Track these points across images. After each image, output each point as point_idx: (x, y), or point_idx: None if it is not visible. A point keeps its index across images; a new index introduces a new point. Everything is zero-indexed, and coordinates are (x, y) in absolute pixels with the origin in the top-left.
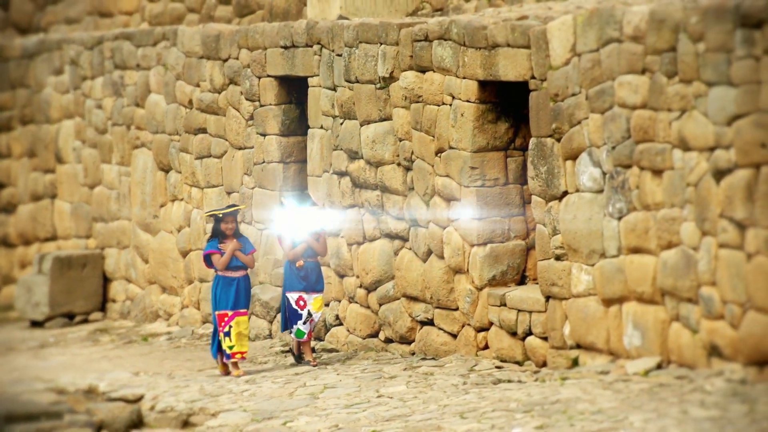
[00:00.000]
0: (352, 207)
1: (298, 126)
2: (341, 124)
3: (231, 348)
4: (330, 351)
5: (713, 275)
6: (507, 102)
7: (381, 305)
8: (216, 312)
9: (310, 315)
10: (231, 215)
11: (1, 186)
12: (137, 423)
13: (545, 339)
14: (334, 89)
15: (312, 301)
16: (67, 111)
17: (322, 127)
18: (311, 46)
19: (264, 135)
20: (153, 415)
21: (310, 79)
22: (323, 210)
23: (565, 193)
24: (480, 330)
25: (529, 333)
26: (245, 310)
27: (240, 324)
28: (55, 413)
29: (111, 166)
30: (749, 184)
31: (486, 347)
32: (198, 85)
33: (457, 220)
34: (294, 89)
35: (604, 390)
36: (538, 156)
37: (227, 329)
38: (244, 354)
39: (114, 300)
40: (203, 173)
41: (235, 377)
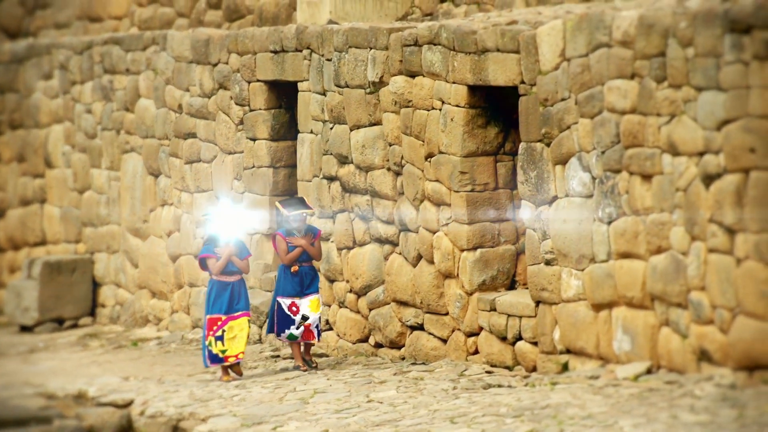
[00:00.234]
0: (342, 212)
1: (287, 131)
2: (331, 128)
3: (224, 352)
4: (320, 356)
5: (703, 280)
6: (497, 107)
7: (371, 310)
8: (208, 316)
9: (304, 319)
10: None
11: None
12: (127, 428)
13: (535, 344)
14: (323, 94)
15: (308, 304)
16: (57, 115)
17: (311, 132)
18: (301, 50)
19: (254, 140)
20: (143, 420)
21: (299, 84)
22: (314, 214)
23: (555, 198)
24: (470, 335)
25: (519, 338)
26: (243, 312)
27: (236, 327)
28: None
29: (100, 170)
30: (738, 188)
31: (476, 352)
32: (188, 90)
33: (447, 224)
34: (284, 94)
35: (594, 395)
36: (527, 161)
37: (219, 333)
38: (238, 355)
39: (103, 305)
40: (193, 178)
41: (226, 381)
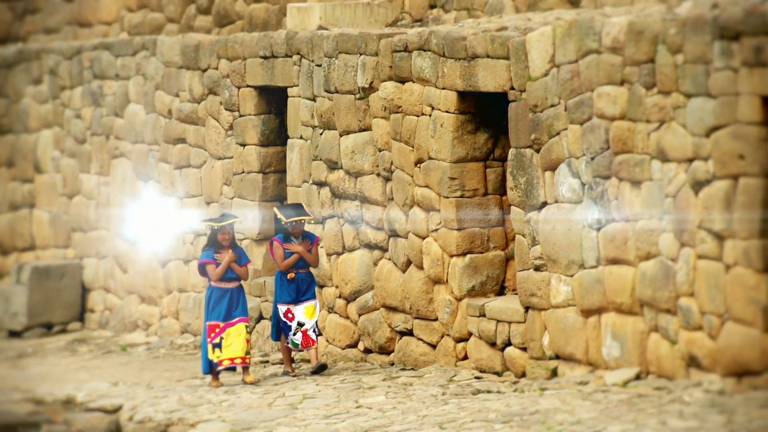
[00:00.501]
0: (331, 217)
1: (277, 136)
2: (321, 134)
3: (219, 358)
4: (308, 361)
5: (692, 286)
6: (486, 113)
7: (360, 315)
8: (207, 323)
9: (300, 325)
10: (227, 226)
11: None
12: None
13: (524, 349)
14: (313, 99)
15: (303, 311)
16: (46, 121)
17: (301, 138)
18: (291, 56)
19: (243, 145)
20: (131, 426)
21: (289, 90)
22: (312, 221)
23: (545, 204)
24: (459, 340)
25: (509, 343)
26: (240, 318)
27: (233, 333)
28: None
29: (90, 175)
30: (727, 195)
31: (465, 358)
32: (177, 95)
33: (437, 230)
34: (273, 99)
35: (583, 401)
36: (517, 167)
37: (218, 340)
38: (245, 359)
39: (92, 310)
40: (182, 183)
41: (215, 387)
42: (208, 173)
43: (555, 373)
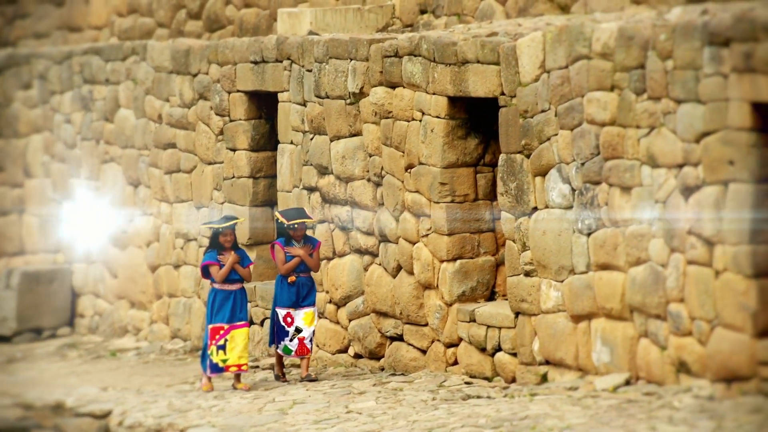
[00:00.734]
0: (321, 222)
1: (267, 141)
2: (311, 139)
3: (225, 362)
4: (298, 366)
5: (681, 292)
6: (477, 118)
7: (350, 321)
8: (210, 325)
9: (297, 331)
10: (229, 228)
11: None
12: None
13: (514, 355)
14: (304, 104)
15: (302, 316)
16: (36, 125)
17: (292, 143)
18: (281, 61)
19: (234, 150)
20: (121, 431)
21: (280, 95)
22: (314, 225)
23: (535, 210)
24: (449, 346)
25: (499, 349)
26: (244, 322)
27: (237, 336)
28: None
29: (80, 180)
30: (717, 200)
31: (455, 363)
32: (167, 100)
33: (427, 235)
34: (264, 104)
35: (572, 406)
36: (507, 172)
37: (222, 342)
38: (241, 366)
39: (82, 315)
40: (173, 188)
41: (206, 391)
42: (198, 178)
43: (545, 379)
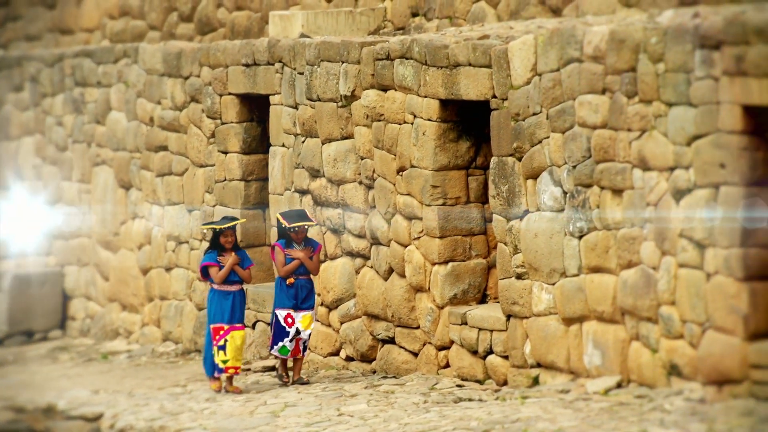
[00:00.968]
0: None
1: (259, 144)
2: (303, 142)
3: (225, 362)
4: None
5: (673, 295)
6: (468, 121)
7: (342, 323)
8: (211, 325)
9: (297, 333)
10: (229, 229)
11: None
12: None
13: (506, 358)
14: (295, 107)
15: (300, 319)
16: (27, 128)
17: (283, 145)
18: (273, 64)
19: (225, 153)
20: None
21: (271, 97)
22: (314, 226)
23: (526, 212)
24: (441, 348)
25: (490, 352)
26: (241, 324)
27: (235, 338)
28: None
29: (71, 183)
30: (708, 203)
31: (447, 366)
32: (159, 103)
33: (419, 238)
34: (255, 107)
35: (564, 409)
36: (499, 175)
37: (222, 342)
38: (238, 369)
39: (74, 318)
40: (164, 191)
41: (232, 393)
42: (189, 181)
43: (536, 382)
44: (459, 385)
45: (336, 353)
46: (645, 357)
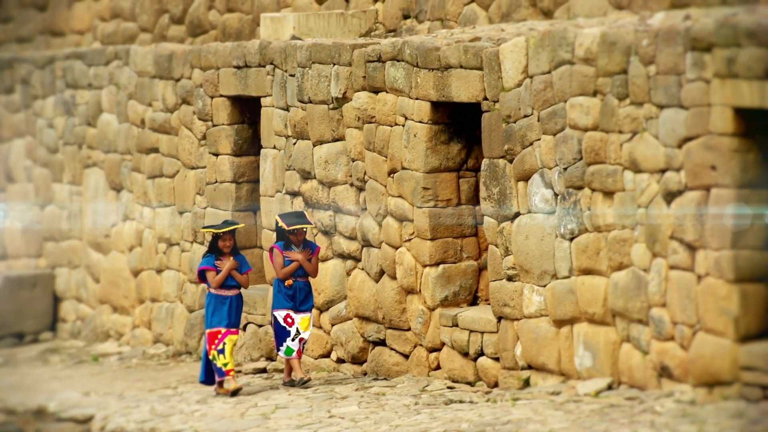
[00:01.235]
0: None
1: (250, 146)
2: (294, 144)
3: (225, 365)
4: (281, 371)
5: (663, 297)
6: (460, 123)
7: (333, 325)
8: (208, 330)
9: (299, 332)
10: (228, 233)
11: None
12: None
13: (497, 360)
14: (287, 109)
15: (299, 321)
16: (18, 130)
17: (274, 147)
18: (264, 66)
19: (216, 155)
20: None
21: (262, 99)
22: (314, 229)
23: (517, 214)
24: (432, 350)
25: (481, 353)
26: (236, 329)
27: (231, 341)
28: None
29: (62, 185)
30: (699, 205)
31: (438, 368)
32: (150, 105)
33: (410, 240)
34: (247, 109)
35: (555, 411)
36: (490, 177)
37: (221, 347)
38: (230, 371)
39: (64, 320)
40: (155, 193)
41: (227, 391)
42: (181, 183)
43: (527, 384)
44: (450, 387)
45: (327, 355)
46: (636, 359)
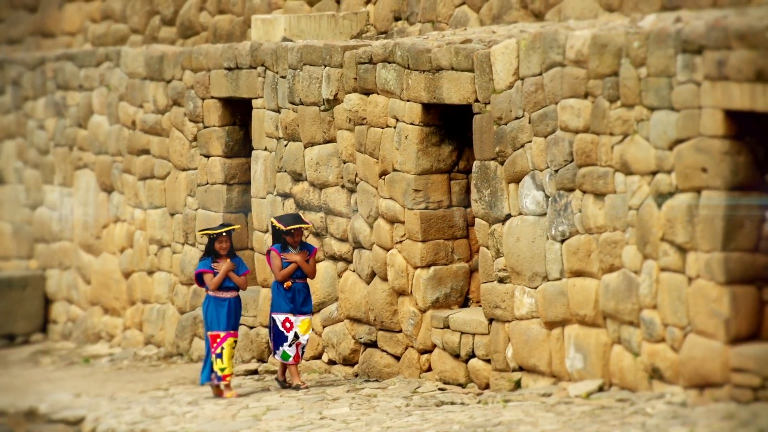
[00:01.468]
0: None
1: (242, 147)
2: (285, 146)
3: (223, 370)
4: (273, 372)
5: (654, 298)
6: (451, 125)
7: (324, 327)
8: (209, 333)
9: (296, 337)
10: (225, 234)
11: None
12: None
13: (488, 361)
14: (278, 111)
15: (299, 324)
16: (9, 131)
17: (266, 149)
18: (255, 67)
19: (207, 156)
20: None
21: (254, 101)
22: (310, 230)
23: (509, 216)
24: (423, 352)
25: (472, 355)
26: (235, 331)
27: (230, 345)
28: None
29: (53, 186)
30: (690, 207)
31: (429, 369)
32: (141, 106)
33: (401, 242)
34: (238, 111)
35: (546, 412)
36: (481, 179)
37: (219, 350)
38: (227, 375)
39: (55, 321)
40: (146, 194)
41: (228, 398)
42: (172, 184)
43: (518, 385)
44: (441, 389)
45: (318, 357)
46: (627, 361)
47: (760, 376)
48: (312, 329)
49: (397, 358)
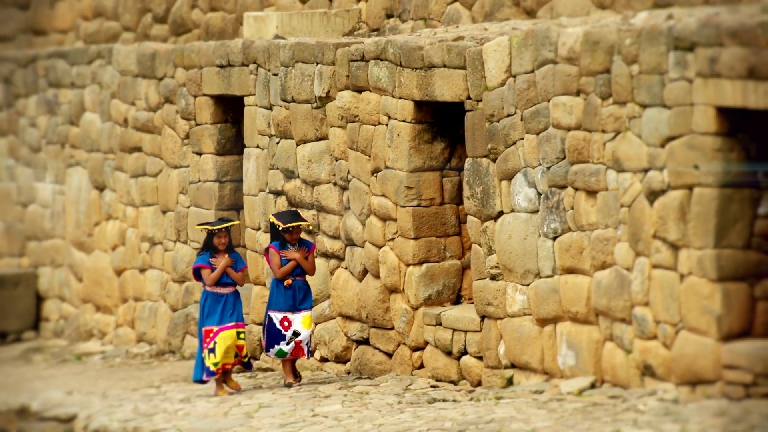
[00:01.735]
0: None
1: (234, 145)
2: (277, 143)
3: (216, 365)
4: (265, 370)
5: (646, 295)
6: (443, 122)
7: (317, 324)
8: (203, 328)
9: (295, 335)
10: (224, 230)
11: None
12: None
13: (480, 358)
14: (270, 108)
15: (300, 320)
16: (1, 129)
17: (258, 147)
18: (247, 65)
19: (200, 154)
20: None
21: (246, 99)
22: (310, 227)
23: (501, 213)
24: (415, 349)
25: (465, 352)
26: (235, 323)
27: (225, 338)
28: None
29: (45, 184)
30: (682, 205)
31: (421, 366)
32: (133, 104)
33: (393, 239)
34: (230, 108)
35: (538, 409)
36: (473, 176)
37: (212, 345)
38: (229, 364)
39: (47, 319)
40: (138, 192)
41: (226, 392)
42: (164, 182)
43: (511, 382)
44: (433, 386)
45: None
46: (619, 357)
47: (752, 372)
48: (313, 323)
49: (390, 355)
